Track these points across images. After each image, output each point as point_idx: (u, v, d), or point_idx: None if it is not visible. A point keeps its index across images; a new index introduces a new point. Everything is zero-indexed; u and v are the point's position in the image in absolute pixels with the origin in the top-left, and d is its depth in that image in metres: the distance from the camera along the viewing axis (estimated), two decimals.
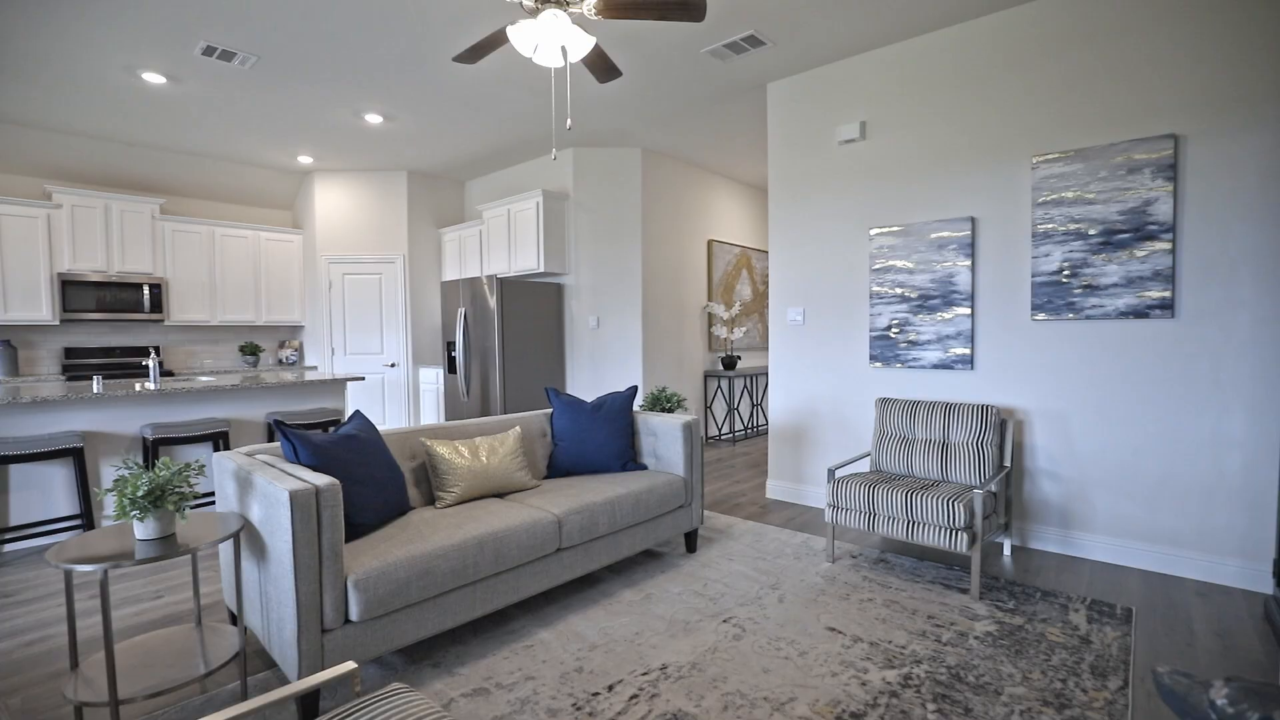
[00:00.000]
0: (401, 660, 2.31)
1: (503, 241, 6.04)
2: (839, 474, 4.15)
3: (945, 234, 3.62)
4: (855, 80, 3.99)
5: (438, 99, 4.66)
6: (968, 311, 3.55)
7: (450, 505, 2.74)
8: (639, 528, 3.03)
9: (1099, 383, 3.19)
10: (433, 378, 6.51)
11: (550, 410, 3.56)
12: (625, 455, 3.34)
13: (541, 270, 5.73)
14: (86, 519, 3.64)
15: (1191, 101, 2.91)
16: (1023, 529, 3.44)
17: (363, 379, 4.87)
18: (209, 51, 3.81)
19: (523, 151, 6.03)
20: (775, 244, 4.46)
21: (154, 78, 4.18)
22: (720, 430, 6.83)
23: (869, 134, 3.94)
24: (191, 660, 2.04)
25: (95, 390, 3.81)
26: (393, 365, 6.72)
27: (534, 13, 2.51)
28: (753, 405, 7.27)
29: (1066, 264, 3.23)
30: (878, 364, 3.91)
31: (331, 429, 4.52)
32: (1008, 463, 3.24)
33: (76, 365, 5.72)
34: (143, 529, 1.89)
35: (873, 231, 3.91)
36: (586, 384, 5.96)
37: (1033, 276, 3.33)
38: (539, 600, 2.81)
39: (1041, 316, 3.31)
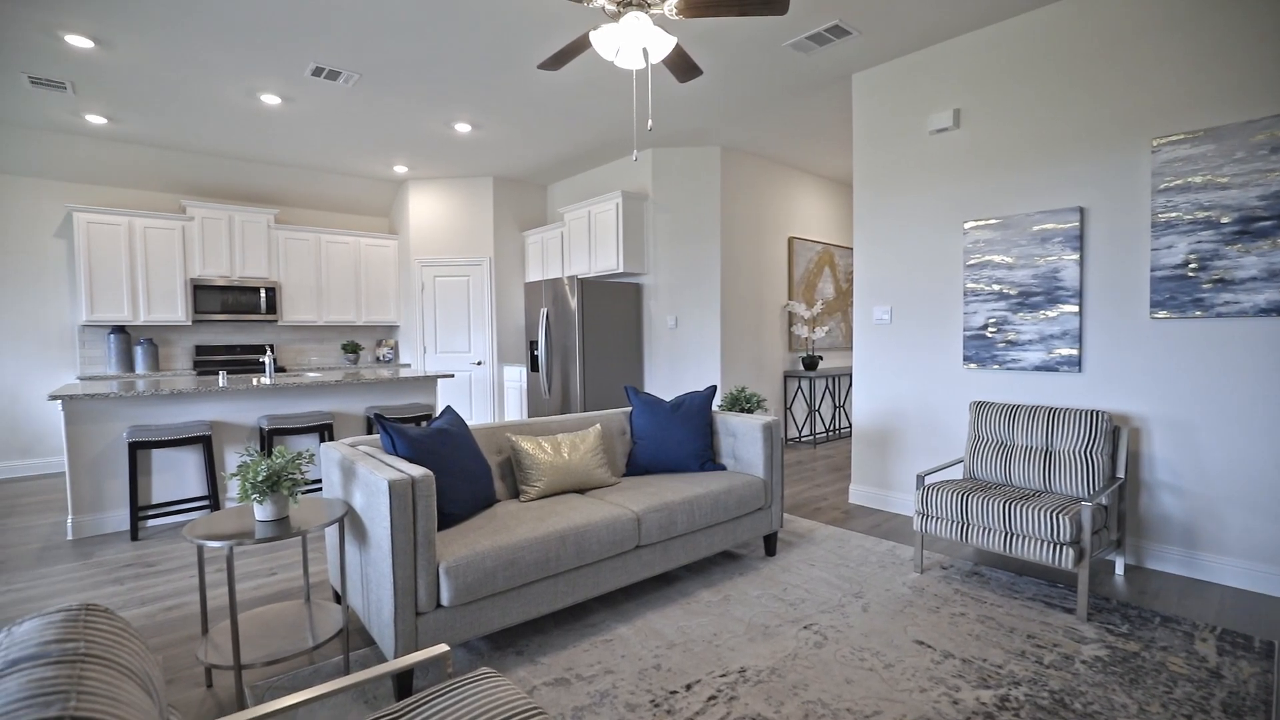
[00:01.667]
0: (487, 646, 2.41)
1: (583, 243, 6.17)
2: (929, 480, 3.96)
3: (1049, 226, 3.37)
4: (948, 66, 3.79)
5: (522, 106, 4.82)
6: (1075, 309, 3.29)
7: (534, 499, 2.83)
8: (717, 528, 3.01)
9: (1233, 388, 2.87)
10: (516, 375, 6.74)
11: (630, 409, 3.60)
12: (704, 455, 3.33)
13: (621, 270, 5.80)
14: (213, 500, 4.03)
15: None
16: (1138, 547, 3.15)
17: (452, 376, 5.12)
18: (317, 72, 4.11)
19: (603, 154, 6.13)
20: (860, 240, 4.31)
21: (270, 99, 4.56)
22: (800, 432, 6.67)
23: (963, 122, 3.73)
24: (301, 634, 2.21)
25: (221, 384, 4.21)
26: (479, 363, 7.01)
27: (616, 16, 2.55)
28: (835, 407, 7.05)
29: (1193, 256, 2.93)
30: (972, 365, 3.70)
31: (424, 423, 4.78)
32: (1121, 474, 2.98)
33: (205, 361, 6.34)
34: (262, 511, 2.08)
35: (967, 225, 3.70)
36: (664, 383, 5.98)
37: (1152, 270, 3.04)
38: (618, 595, 2.85)
39: (1163, 314, 3.02)
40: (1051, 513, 2.62)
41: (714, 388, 3.45)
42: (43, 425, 5.73)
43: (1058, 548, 2.60)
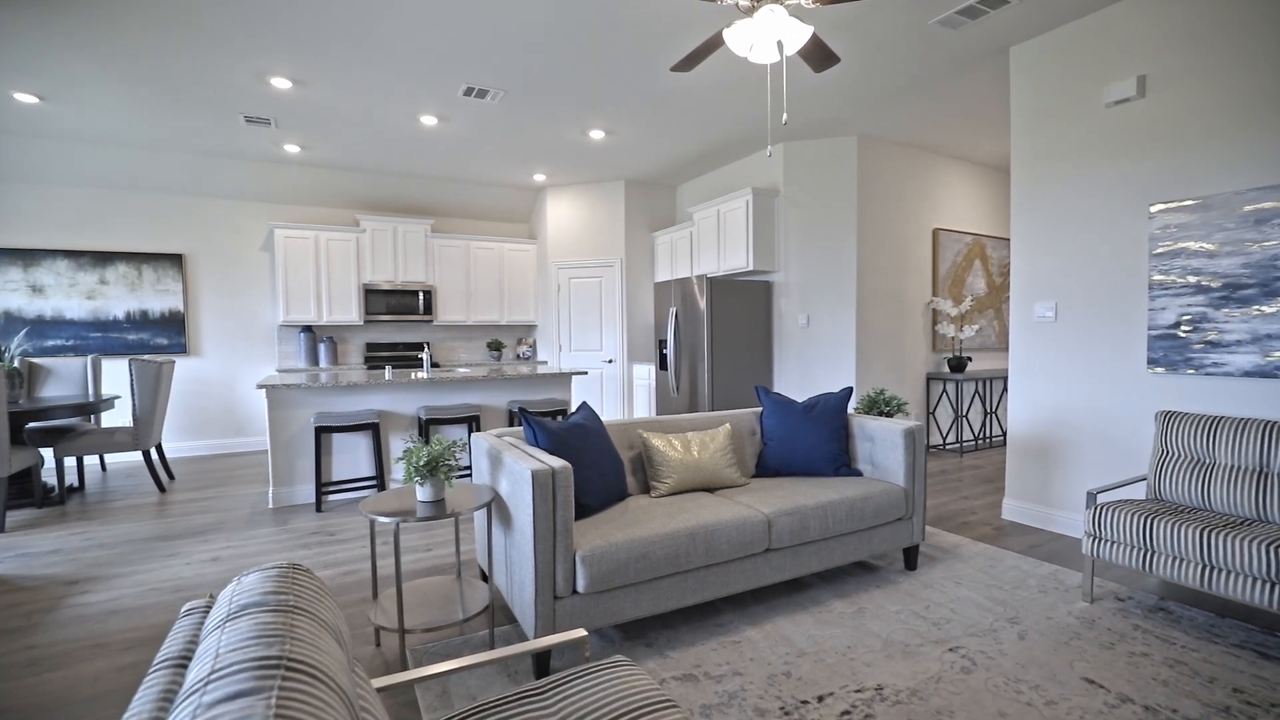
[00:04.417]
0: (618, 635, 2.49)
1: (712, 242, 6.16)
2: (1102, 499, 3.51)
3: (1267, 205, 2.84)
4: (1128, 29, 3.32)
5: (653, 110, 4.90)
6: None
7: (664, 495, 2.88)
8: (852, 536, 2.88)
9: None
10: (645, 374, 6.89)
11: (760, 409, 3.55)
12: (838, 460, 3.20)
13: (750, 269, 5.72)
14: (379, 480, 4.53)
15: None
16: None
17: (585, 373, 5.35)
18: (469, 92, 4.47)
19: (732, 152, 6.08)
20: (1018, 229, 3.90)
21: (429, 119, 5.03)
22: (945, 439, 6.19)
23: (1149, 90, 3.25)
24: (453, 606, 2.43)
25: (387, 378, 4.71)
26: (610, 361, 7.25)
27: (750, 11, 2.52)
28: (985, 413, 6.45)
29: None
30: (1159, 369, 3.22)
31: (559, 417, 5.04)
32: None
33: (373, 357, 7.13)
34: (422, 492, 2.30)
35: (1154, 208, 3.23)
36: (795, 384, 5.82)
37: None
38: (746, 598, 2.82)
39: None
40: (1270, 546, 2.21)
41: (849, 389, 3.30)
42: (251, 410, 6.77)
43: (1277, 588, 2.19)
